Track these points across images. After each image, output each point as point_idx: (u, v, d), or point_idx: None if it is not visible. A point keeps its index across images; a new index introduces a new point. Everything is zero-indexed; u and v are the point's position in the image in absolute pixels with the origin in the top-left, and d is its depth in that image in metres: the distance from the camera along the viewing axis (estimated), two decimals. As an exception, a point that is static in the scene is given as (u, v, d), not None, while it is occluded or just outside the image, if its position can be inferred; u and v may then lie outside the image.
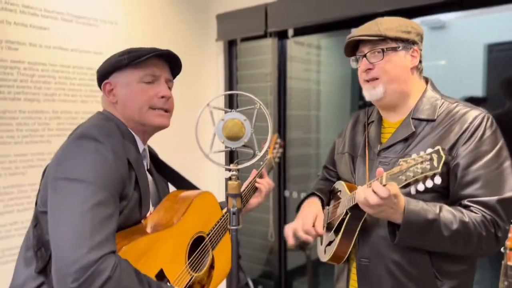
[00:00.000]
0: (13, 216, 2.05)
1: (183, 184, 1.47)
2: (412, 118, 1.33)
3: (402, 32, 1.32)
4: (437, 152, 1.01)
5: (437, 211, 1.19)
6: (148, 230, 1.22)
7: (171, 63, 1.31)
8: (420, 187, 1.04)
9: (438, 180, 1.00)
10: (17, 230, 2.06)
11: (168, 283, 1.18)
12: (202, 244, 1.35)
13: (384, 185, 1.09)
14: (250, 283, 1.67)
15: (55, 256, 0.99)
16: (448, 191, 1.27)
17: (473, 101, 2.52)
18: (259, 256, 3.14)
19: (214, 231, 1.40)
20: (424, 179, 1.02)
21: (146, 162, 1.33)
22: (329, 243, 1.43)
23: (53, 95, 2.19)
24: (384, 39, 1.32)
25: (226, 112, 1.01)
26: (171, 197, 1.36)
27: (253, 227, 3.02)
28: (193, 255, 1.31)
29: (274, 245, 2.87)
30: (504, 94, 2.47)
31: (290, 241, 1.46)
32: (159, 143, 1.56)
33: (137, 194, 1.19)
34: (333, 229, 1.41)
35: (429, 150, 1.04)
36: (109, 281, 0.95)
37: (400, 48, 1.33)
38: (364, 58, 1.35)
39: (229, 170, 1.01)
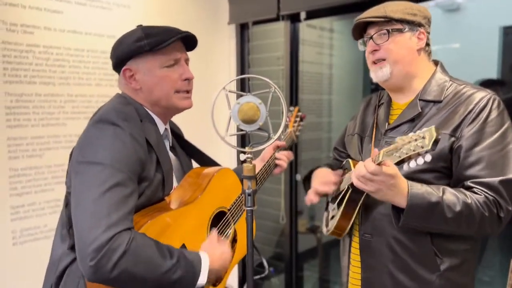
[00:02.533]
0: (31, 197, 2.10)
1: (205, 160, 1.51)
2: (419, 100, 1.35)
3: (408, 14, 1.34)
4: (430, 131, 1.03)
5: (440, 193, 1.21)
6: (170, 206, 1.26)
7: (187, 41, 1.32)
8: (412, 164, 1.07)
9: (428, 157, 1.03)
10: (35, 211, 2.11)
11: None
12: (224, 218, 1.39)
13: (380, 162, 1.12)
14: (265, 263, 1.71)
15: (76, 237, 1.04)
16: (450, 171, 1.28)
17: (488, 83, 2.50)
18: (271, 239, 3.19)
19: (235, 205, 1.44)
20: (416, 157, 1.04)
21: (169, 140, 1.37)
22: (332, 217, 1.47)
23: (67, 79, 2.22)
24: (390, 20, 1.34)
25: (241, 95, 1.02)
26: (193, 174, 1.40)
27: (265, 210, 3.05)
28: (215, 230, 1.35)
29: (286, 228, 2.90)
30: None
31: (314, 200, 1.51)
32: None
33: (160, 174, 1.23)
34: (336, 203, 1.45)
35: (424, 129, 1.05)
36: (125, 255, 1.00)
37: (406, 29, 1.34)
38: (371, 40, 1.37)
39: (244, 153, 1.03)
